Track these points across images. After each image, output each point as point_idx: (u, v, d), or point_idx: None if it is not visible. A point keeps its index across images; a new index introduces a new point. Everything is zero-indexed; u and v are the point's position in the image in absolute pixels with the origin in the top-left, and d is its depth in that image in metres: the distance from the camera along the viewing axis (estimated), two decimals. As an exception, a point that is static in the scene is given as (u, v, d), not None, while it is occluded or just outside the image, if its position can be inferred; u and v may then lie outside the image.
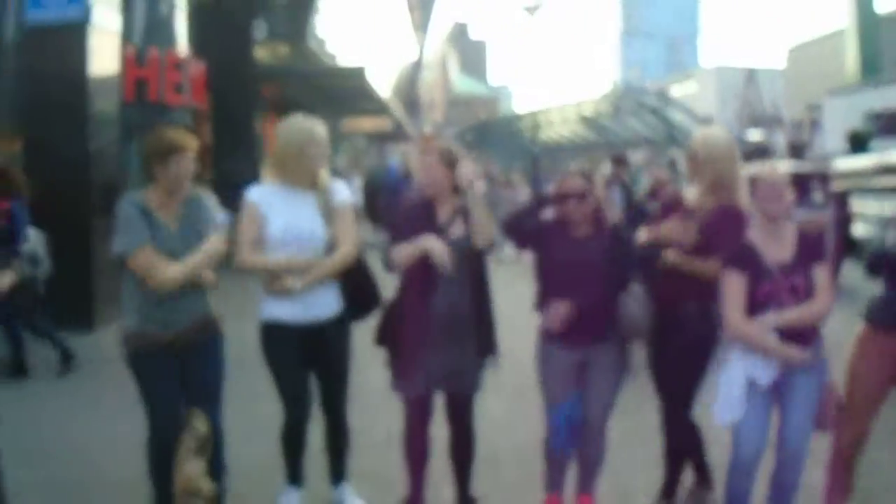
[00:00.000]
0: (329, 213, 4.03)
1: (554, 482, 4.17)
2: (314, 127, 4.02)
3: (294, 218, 3.98)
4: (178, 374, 3.86)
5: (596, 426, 4.06)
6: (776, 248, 3.71)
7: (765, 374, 3.68)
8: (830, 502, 4.09)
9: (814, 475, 4.14)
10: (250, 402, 5.35)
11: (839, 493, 4.07)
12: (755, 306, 3.66)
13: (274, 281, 3.97)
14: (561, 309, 3.88)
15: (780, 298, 3.63)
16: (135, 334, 3.84)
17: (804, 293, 3.64)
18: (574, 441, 4.04)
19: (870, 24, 71.36)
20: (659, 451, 4.42)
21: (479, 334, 4.05)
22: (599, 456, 4.17)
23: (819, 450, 4.14)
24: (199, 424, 3.78)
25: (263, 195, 4.04)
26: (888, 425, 4.57)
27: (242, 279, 4.25)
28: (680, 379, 4.09)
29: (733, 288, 3.68)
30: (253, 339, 4.13)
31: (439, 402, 4.16)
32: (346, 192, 4.19)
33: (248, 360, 4.56)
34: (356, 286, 4.16)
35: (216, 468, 3.92)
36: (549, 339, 4.04)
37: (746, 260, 3.70)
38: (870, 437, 4.08)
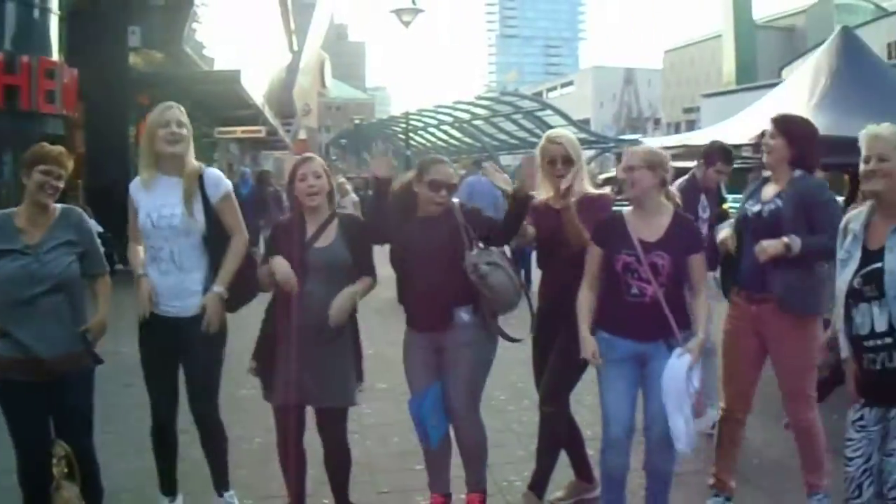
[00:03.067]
0: (189, 198, 3.95)
1: (436, 481, 4.11)
2: (165, 110, 3.98)
3: (156, 205, 3.96)
4: (43, 403, 3.69)
5: (460, 412, 3.93)
6: (645, 228, 3.78)
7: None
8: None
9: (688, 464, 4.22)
10: (132, 418, 5.22)
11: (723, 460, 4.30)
12: (616, 275, 3.76)
13: None
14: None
15: (639, 273, 3.71)
16: None
17: (666, 275, 3.71)
18: (443, 429, 3.97)
19: (746, 30, 74.46)
20: (534, 448, 4.38)
21: (354, 348, 4.02)
22: (475, 446, 4.03)
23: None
24: (60, 451, 3.68)
25: (137, 185, 4.06)
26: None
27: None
28: (563, 370, 4.06)
29: (589, 258, 3.87)
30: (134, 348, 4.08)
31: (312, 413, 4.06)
32: (220, 183, 4.08)
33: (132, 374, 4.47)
34: (239, 274, 4.04)
35: (92, 492, 3.84)
36: (410, 325, 4.06)
37: (608, 232, 3.81)
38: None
